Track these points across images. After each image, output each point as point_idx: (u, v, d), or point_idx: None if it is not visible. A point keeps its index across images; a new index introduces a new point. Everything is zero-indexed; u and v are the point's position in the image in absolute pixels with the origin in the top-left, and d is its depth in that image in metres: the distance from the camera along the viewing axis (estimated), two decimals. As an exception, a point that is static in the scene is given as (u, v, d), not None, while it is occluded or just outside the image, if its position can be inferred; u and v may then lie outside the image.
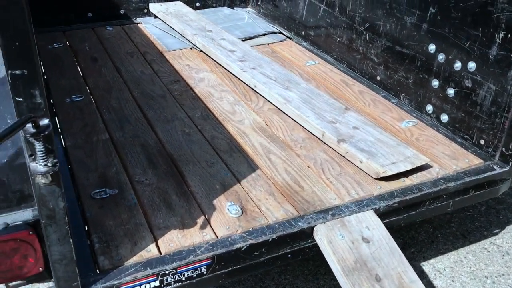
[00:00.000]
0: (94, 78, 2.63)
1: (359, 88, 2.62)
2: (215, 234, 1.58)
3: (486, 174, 1.94)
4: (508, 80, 1.90)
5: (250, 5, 3.92)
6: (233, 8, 3.84)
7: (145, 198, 1.73)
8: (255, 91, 2.52)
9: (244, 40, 3.21)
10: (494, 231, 2.69)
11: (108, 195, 1.73)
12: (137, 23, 3.49)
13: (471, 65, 2.05)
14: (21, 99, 1.03)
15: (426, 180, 1.89)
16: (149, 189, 1.78)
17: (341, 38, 2.87)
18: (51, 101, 2.37)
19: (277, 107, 2.37)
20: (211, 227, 1.61)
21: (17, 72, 1.02)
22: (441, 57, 2.20)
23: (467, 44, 2.05)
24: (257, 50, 3.02)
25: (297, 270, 2.39)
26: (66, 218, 1.21)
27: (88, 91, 2.49)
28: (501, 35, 1.89)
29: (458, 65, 2.11)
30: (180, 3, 3.60)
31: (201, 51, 3.00)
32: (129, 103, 2.39)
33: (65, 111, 2.28)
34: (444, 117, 2.25)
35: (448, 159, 2.03)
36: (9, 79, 1.01)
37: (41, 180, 1.12)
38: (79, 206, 1.67)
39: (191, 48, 3.07)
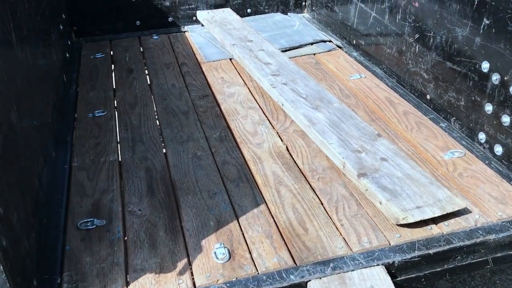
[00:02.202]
0: (124, 91, 2.57)
1: (404, 108, 2.30)
2: (193, 283, 1.41)
3: (541, 226, 1.57)
4: None
5: (305, 10, 3.68)
6: (286, 14, 3.63)
7: (131, 233, 1.60)
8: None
9: (289, 49, 3.00)
10: None
11: (94, 226, 1.63)
12: (184, 32, 3.41)
13: (530, 90, 1.68)
14: None
15: (460, 229, 1.57)
16: (138, 222, 1.65)
17: (391, 49, 2.56)
18: (75, 116, 2.34)
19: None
20: (191, 273, 1.44)
21: None
22: (495, 77, 1.83)
23: (526, 64, 1.68)
24: (297, 62, 2.79)
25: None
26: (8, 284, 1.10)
27: (114, 105, 2.44)
28: None
29: (515, 88, 1.74)
30: (229, 10, 3.46)
31: (239, 62, 2.83)
32: (149, 120, 2.29)
33: (84, 127, 2.23)
34: (498, 149, 1.88)
35: (494, 203, 1.68)
36: None
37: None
38: (62, 238, 1.59)
39: (230, 59, 2.92)
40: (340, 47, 3.04)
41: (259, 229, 1.60)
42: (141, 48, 3.14)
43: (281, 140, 2.10)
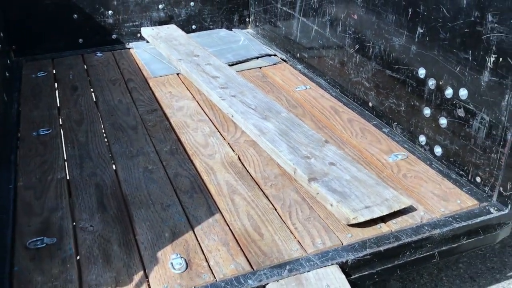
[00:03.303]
0: (69, 109, 2.51)
1: (349, 116, 2.39)
2: (150, 295, 1.39)
3: (480, 219, 1.68)
4: (501, 110, 1.64)
5: (249, 26, 3.76)
6: (231, 30, 3.69)
7: (84, 249, 1.56)
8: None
9: (235, 63, 3.04)
10: (509, 274, 2.38)
11: (44, 244, 1.58)
12: (129, 48, 3.39)
13: (463, 92, 1.80)
14: None
15: (407, 226, 1.65)
16: (91, 238, 1.61)
17: (333, 60, 2.66)
18: (18, 135, 2.26)
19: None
20: (148, 286, 1.42)
21: None
22: (431, 82, 1.96)
23: (458, 69, 1.80)
24: (244, 75, 2.84)
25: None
26: None
27: (59, 123, 2.37)
28: (492, 59, 1.64)
29: (449, 92, 1.87)
30: (174, 26, 3.47)
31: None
32: (97, 136, 2.25)
33: (28, 146, 2.15)
34: (438, 150, 1.99)
35: (437, 200, 1.77)
36: None
37: None
38: (9, 259, 1.52)
39: (177, 74, 2.92)
40: (285, 61, 3.12)
41: (215, 238, 1.61)
42: (85, 66, 3.08)
43: (233, 150, 2.12)
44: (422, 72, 2.00)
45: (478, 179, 1.81)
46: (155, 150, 2.13)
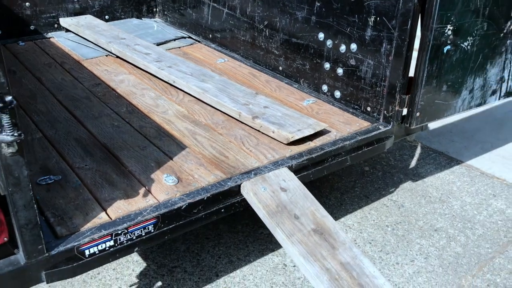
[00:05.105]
0: (16, 88, 2.73)
1: (266, 78, 2.99)
2: (157, 200, 1.82)
3: (374, 133, 2.38)
4: (382, 55, 2.35)
5: (157, 15, 4.17)
6: (141, 19, 4.07)
7: (88, 180, 1.93)
8: (174, 86, 2.79)
9: (157, 45, 3.46)
10: (390, 190, 3.18)
11: (53, 180, 1.91)
12: (49, 38, 3.60)
13: (353, 47, 2.49)
14: (-13, 79, 1.23)
15: (327, 141, 2.28)
16: (91, 173, 1.98)
17: (245, 37, 3.23)
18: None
19: (196, 98, 2.66)
20: (153, 195, 1.85)
21: (-17, 56, 1.21)
22: (329, 43, 2.63)
23: (348, 30, 2.49)
24: (171, 52, 3.28)
25: (228, 242, 2.67)
26: (30, 185, 1.40)
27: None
28: (372, 19, 2.34)
29: (343, 48, 2.55)
30: (90, 16, 3.77)
31: (117, 57, 3.21)
32: (56, 106, 2.55)
33: (-6, 118, 2.37)
34: (337, 93, 2.67)
35: (343, 125, 2.44)
36: (-23, 63, 1.21)
37: (8, 150, 1.31)
38: (27, 192, 1.83)
39: (106, 56, 3.26)
40: (199, 41, 3.62)
41: (192, 162, 2.08)
42: (12, 54, 3.26)
43: (181, 107, 2.58)
44: (321, 36, 2.66)
45: (368, 109, 2.52)
46: (114, 112, 2.50)
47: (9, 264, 1.49)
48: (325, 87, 2.74)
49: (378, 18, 2.32)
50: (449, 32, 2.22)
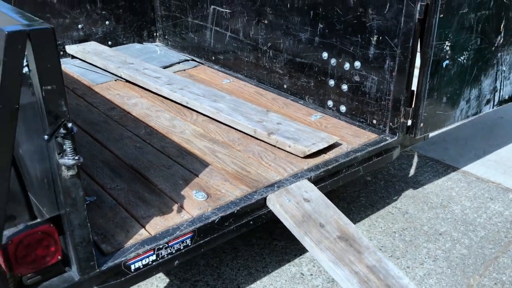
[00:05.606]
0: (34, 115, 2.83)
1: (272, 96, 3.14)
2: (191, 215, 1.94)
3: (382, 144, 2.53)
4: (385, 71, 2.52)
5: (157, 40, 4.31)
6: (142, 44, 4.21)
7: (122, 199, 2.03)
8: (186, 107, 2.92)
9: (163, 68, 3.59)
10: (394, 198, 3.33)
11: (88, 201, 2.01)
12: (56, 65, 3.70)
13: (357, 64, 2.66)
14: (52, 108, 1.35)
15: (340, 153, 2.43)
16: (123, 192, 2.08)
17: (248, 58, 3.39)
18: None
19: (209, 117, 2.79)
20: (186, 211, 1.96)
21: (48, 87, 1.33)
22: (333, 61, 2.79)
23: (351, 49, 2.66)
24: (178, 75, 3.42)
25: (245, 254, 2.78)
26: (84, 205, 1.51)
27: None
28: (375, 38, 2.52)
29: (347, 65, 2.72)
30: (94, 42, 3.88)
31: (127, 81, 3.33)
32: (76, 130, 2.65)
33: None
34: (343, 108, 2.83)
35: (352, 137, 2.59)
36: (43, 93, 1.32)
37: (68, 173, 1.42)
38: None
39: (115, 80, 3.38)
40: (202, 63, 3.76)
41: (217, 178, 2.20)
42: (23, 82, 3.35)
43: (197, 127, 2.71)
44: (325, 55, 2.83)
45: (374, 121, 2.68)
46: (134, 134, 2.62)
47: (64, 281, 1.58)
48: (330, 103, 2.90)
49: (380, 37, 2.49)
50: (447, 48, 2.41)
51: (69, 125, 1.38)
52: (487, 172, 3.62)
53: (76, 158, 1.39)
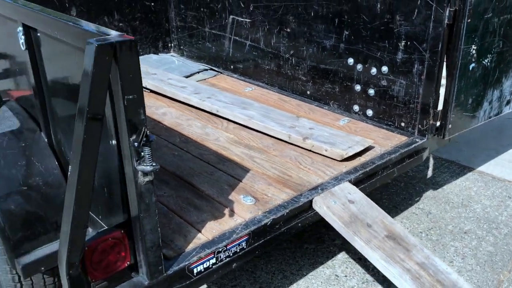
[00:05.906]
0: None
1: (296, 102, 3.20)
2: (243, 218, 1.99)
3: (413, 146, 2.61)
4: (414, 75, 2.61)
5: (172, 50, 4.37)
6: (158, 54, 4.26)
7: (173, 206, 2.08)
8: (215, 115, 2.97)
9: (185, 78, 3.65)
10: (416, 199, 3.41)
11: (140, 209, 2.04)
12: (76, 77, 3.74)
13: (384, 69, 2.74)
14: (132, 117, 1.40)
15: (375, 156, 2.50)
16: (172, 199, 2.13)
17: (269, 66, 3.46)
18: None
19: (240, 124, 2.85)
20: (238, 214, 2.02)
21: (130, 97, 1.38)
22: (359, 67, 2.87)
23: (378, 54, 2.74)
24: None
25: (279, 258, 2.83)
26: (156, 210, 1.55)
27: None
28: (403, 43, 2.60)
29: (374, 70, 2.80)
30: (113, 54, 3.92)
31: (151, 91, 3.37)
32: (112, 141, 2.68)
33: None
34: (369, 112, 2.91)
35: (383, 140, 2.67)
36: (125, 102, 1.38)
37: (144, 179, 1.47)
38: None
39: (139, 91, 3.42)
40: (221, 72, 3.83)
41: (260, 182, 2.25)
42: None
43: (230, 134, 2.76)
44: (351, 61, 2.91)
45: (402, 124, 2.76)
46: (170, 142, 2.66)
47: (134, 286, 1.62)
48: (356, 107, 2.97)
49: (408, 43, 2.58)
50: (474, 52, 2.50)
51: (148, 132, 1.43)
52: (503, 171, 3.72)
53: (154, 164, 1.44)
